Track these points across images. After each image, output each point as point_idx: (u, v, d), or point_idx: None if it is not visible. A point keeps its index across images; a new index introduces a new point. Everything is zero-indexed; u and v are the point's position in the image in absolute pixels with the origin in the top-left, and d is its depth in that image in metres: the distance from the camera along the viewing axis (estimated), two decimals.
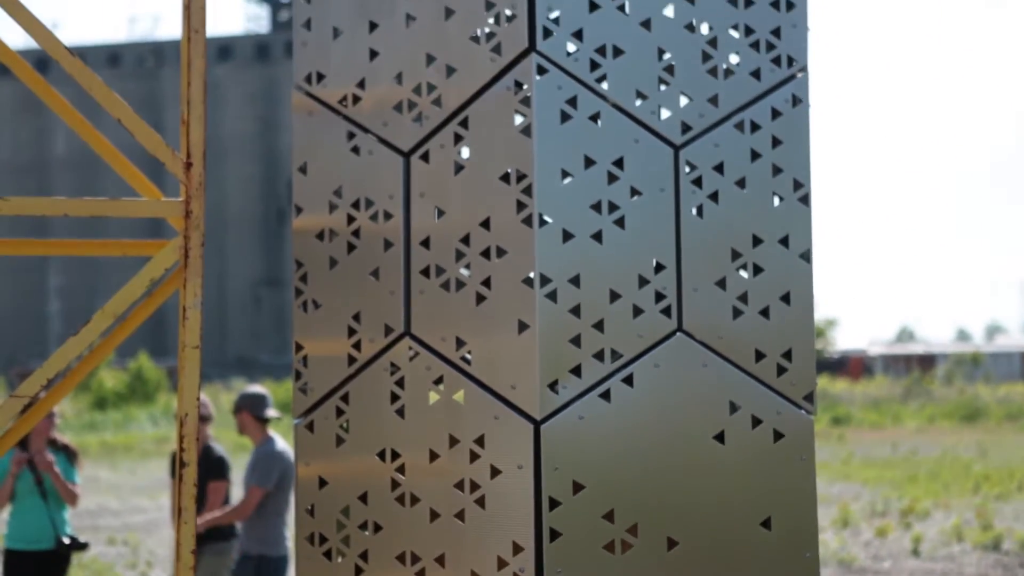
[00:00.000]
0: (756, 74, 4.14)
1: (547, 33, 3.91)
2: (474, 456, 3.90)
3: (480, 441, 3.89)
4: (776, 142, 4.14)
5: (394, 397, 4.08)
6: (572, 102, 3.92)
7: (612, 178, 3.95)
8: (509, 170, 3.91)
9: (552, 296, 3.84)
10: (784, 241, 4.13)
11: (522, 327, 3.82)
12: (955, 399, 44.96)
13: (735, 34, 4.13)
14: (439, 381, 4.00)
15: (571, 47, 3.95)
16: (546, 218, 3.86)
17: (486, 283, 3.93)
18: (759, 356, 4.08)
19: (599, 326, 3.89)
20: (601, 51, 3.98)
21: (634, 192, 3.97)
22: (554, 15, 3.93)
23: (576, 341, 3.86)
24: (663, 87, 4.05)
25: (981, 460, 27.37)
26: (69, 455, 9.33)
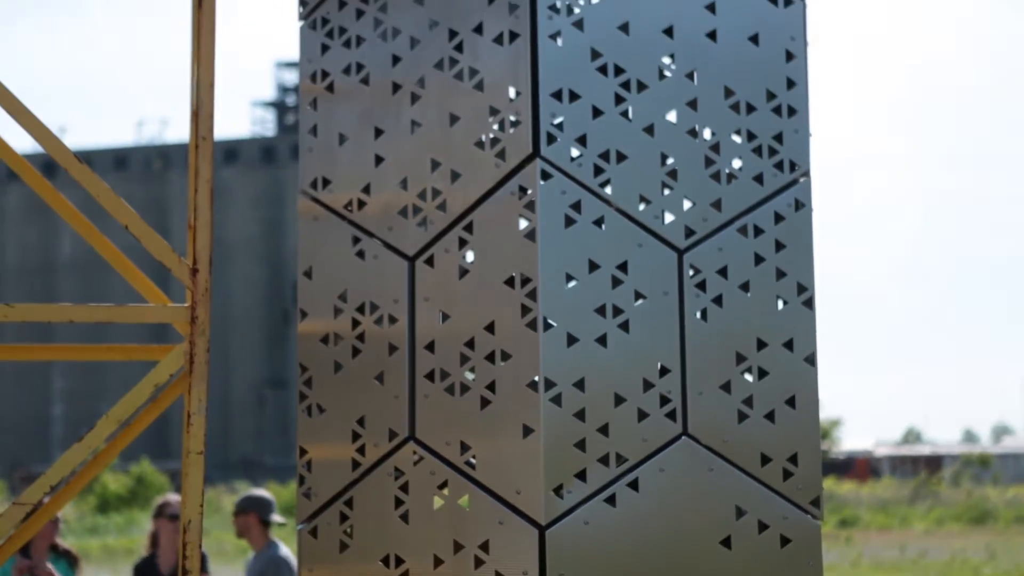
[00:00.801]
0: (759, 179, 4.17)
1: (551, 139, 3.95)
2: (479, 562, 3.87)
3: (485, 547, 3.87)
4: (779, 246, 4.15)
5: (398, 502, 4.06)
6: (576, 207, 3.94)
7: (616, 282, 3.96)
8: (514, 274, 3.92)
9: (557, 400, 3.83)
10: (788, 344, 4.13)
11: (527, 431, 3.81)
12: (963, 501, 44.61)
13: (737, 139, 4.17)
14: (443, 486, 3.98)
15: (575, 152, 3.99)
16: (551, 322, 3.86)
17: (491, 387, 3.92)
18: (765, 460, 4.06)
19: (604, 430, 3.87)
20: (605, 156, 4.01)
21: (638, 296, 3.98)
22: (558, 121, 3.96)
23: (581, 445, 3.84)
24: (666, 191, 4.08)
25: (991, 563, 27.09)
26: (71, 561, 9.26)
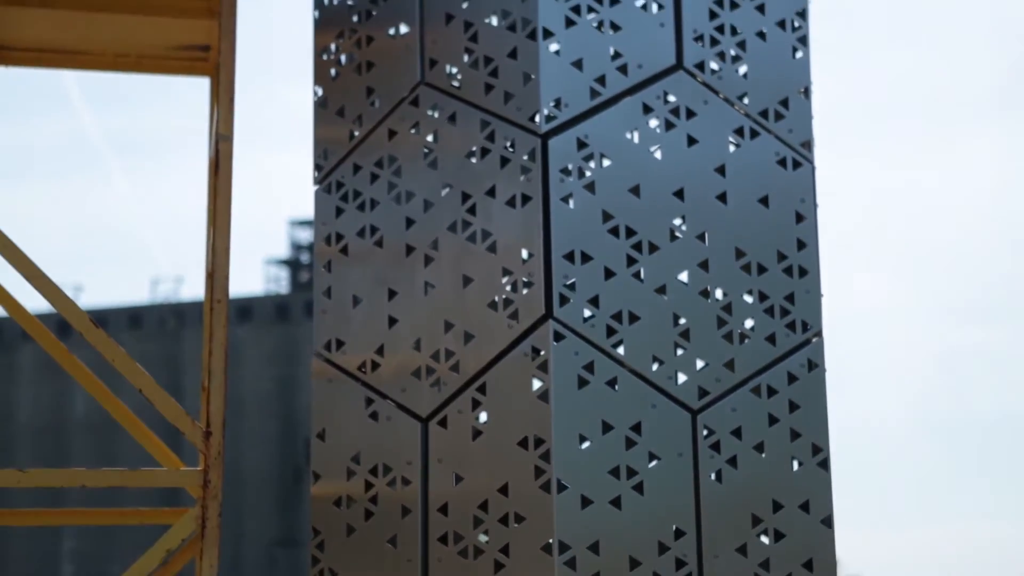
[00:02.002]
0: (771, 339, 4.18)
1: (563, 300, 3.97)
2: None
3: None
4: (793, 406, 4.15)
5: None
6: (589, 367, 3.95)
7: (630, 443, 3.95)
8: (527, 435, 3.91)
9: (571, 564, 3.79)
10: (805, 506, 4.09)
11: None
12: None
13: (749, 299, 4.19)
14: None
15: (587, 313, 4.00)
16: (564, 484, 3.84)
17: (504, 550, 3.89)
18: None
19: None
20: (617, 317, 4.03)
21: (652, 457, 3.96)
22: (570, 282, 3.99)
23: None
24: (679, 352, 4.09)
25: None
26: None
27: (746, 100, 4.28)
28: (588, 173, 4.09)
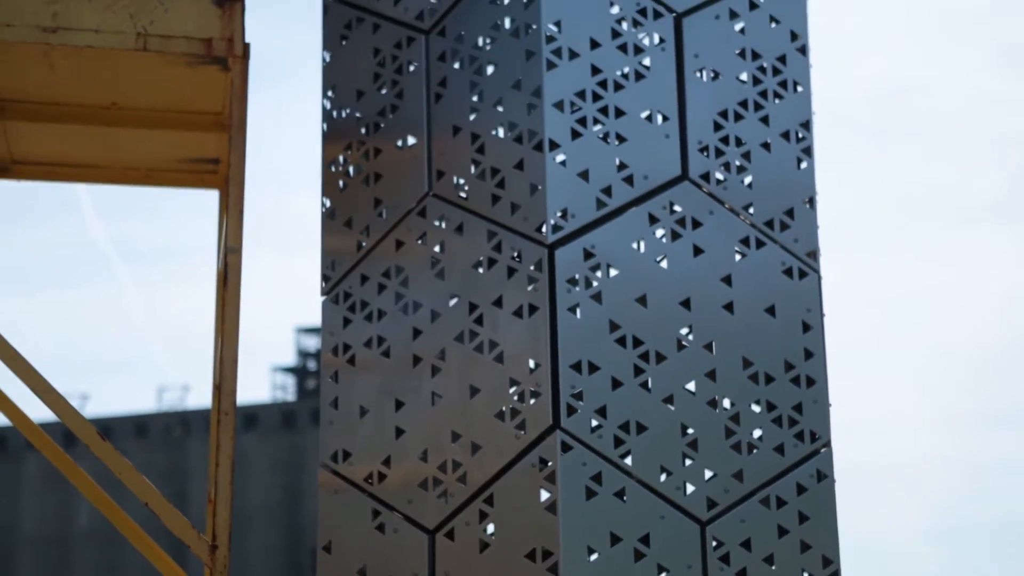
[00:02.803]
0: (780, 449, 4.16)
1: (571, 410, 3.96)
2: None
3: None
4: (803, 518, 4.11)
5: None
6: (597, 478, 3.93)
7: (639, 555, 3.91)
8: (535, 547, 3.88)
9: None
10: None
11: None
12: None
13: (757, 409, 4.17)
14: None
15: (595, 423, 3.99)
16: None
17: None
18: None
19: None
20: (625, 427, 4.01)
21: (661, 569, 3.93)
22: (577, 392, 3.98)
23: None
24: (688, 462, 4.07)
25: None
26: None
27: (752, 210, 4.31)
28: (595, 283, 4.10)
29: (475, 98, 4.32)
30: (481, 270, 4.20)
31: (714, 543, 4.01)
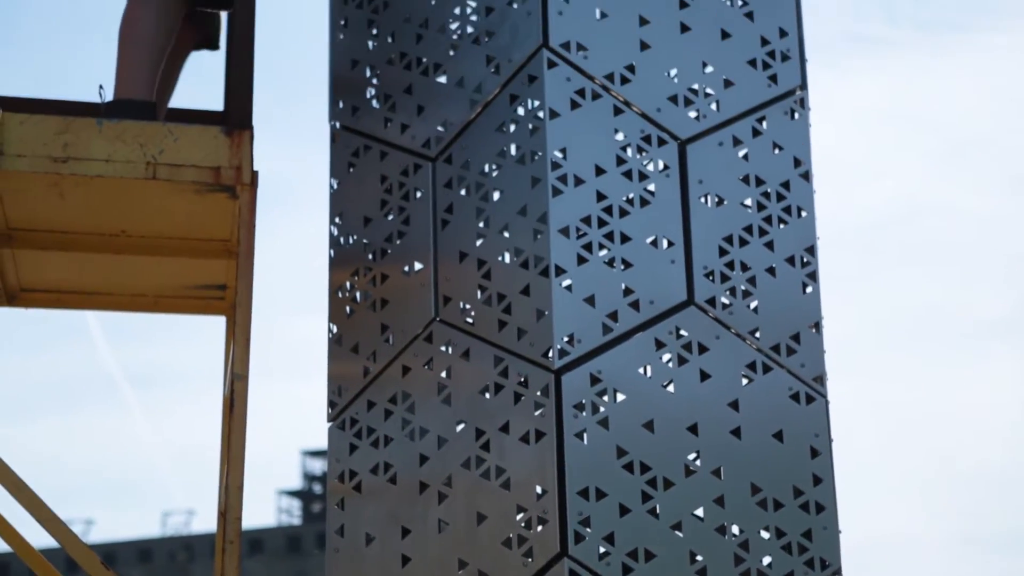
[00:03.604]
0: None
1: (579, 537, 3.93)
2: None
3: None
4: None
5: None
6: None
7: None
8: None
9: None
10: None
11: None
12: None
13: (766, 535, 4.14)
14: None
15: (603, 550, 3.96)
16: None
17: None
18: None
19: None
20: (633, 555, 3.98)
21: None
22: (585, 518, 3.95)
23: None
24: None
25: None
26: None
27: (758, 335, 4.31)
28: (602, 409, 4.09)
29: (481, 224, 4.35)
30: (488, 395, 4.20)
31: None
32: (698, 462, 4.14)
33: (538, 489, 4.00)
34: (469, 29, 4.55)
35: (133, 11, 4.51)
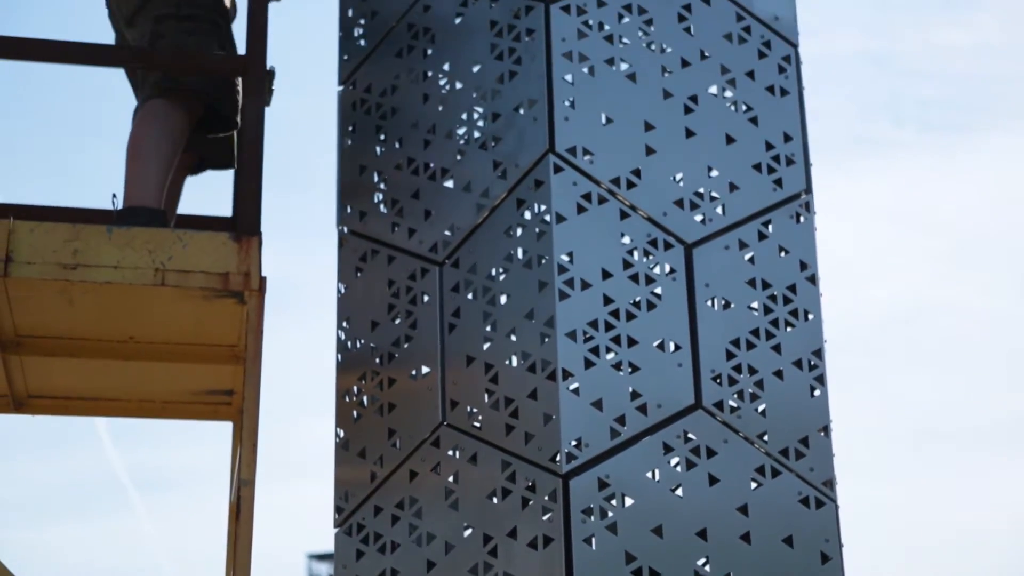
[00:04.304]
0: None
1: None
2: None
3: None
4: None
5: None
6: None
7: None
8: None
9: None
10: None
11: None
12: None
13: None
14: None
15: None
16: None
17: None
18: None
19: None
20: None
21: None
22: None
23: None
24: None
25: None
26: None
27: (766, 438, 4.30)
28: (610, 513, 4.06)
29: (488, 328, 4.36)
30: (495, 500, 4.18)
31: None
32: (708, 567, 4.11)
33: None
34: (476, 134, 4.60)
35: (141, 127, 4.57)
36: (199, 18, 4.61)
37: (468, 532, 4.21)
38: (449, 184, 4.62)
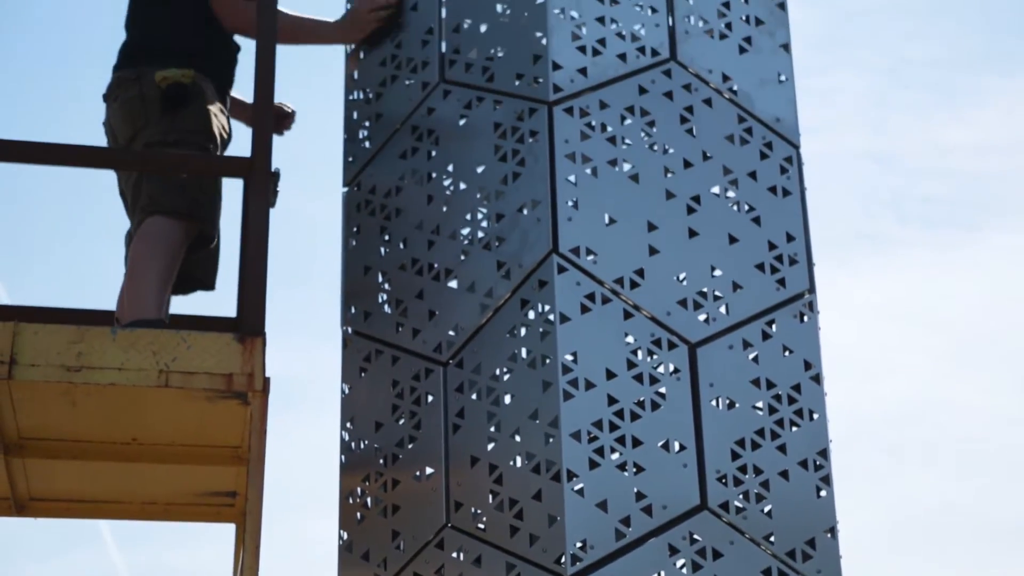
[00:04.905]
0: None
1: None
2: None
3: None
4: None
5: None
6: None
7: None
8: None
9: None
10: None
11: None
12: None
13: None
14: None
15: None
16: None
17: None
18: None
19: None
20: None
21: None
22: None
23: None
24: None
25: None
26: None
27: (772, 540, 4.26)
28: None
29: (492, 428, 4.34)
30: None
31: None
32: None
33: None
34: (480, 234, 4.62)
35: (139, 245, 4.59)
36: (187, 143, 4.66)
37: None
38: (453, 284, 4.63)
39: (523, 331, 4.40)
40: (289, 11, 5.07)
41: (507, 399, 4.37)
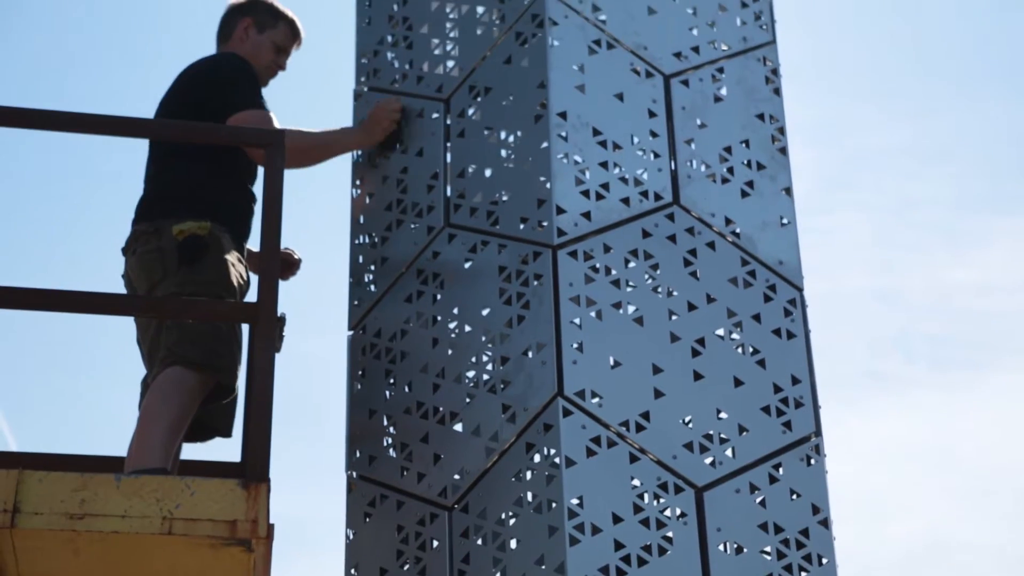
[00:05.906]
0: None
1: None
2: None
3: None
4: None
5: None
6: None
7: None
8: None
9: None
10: None
11: None
12: None
13: None
14: None
15: None
16: None
17: None
18: None
19: None
20: None
21: None
22: None
23: None
24: None
25: None
26: None
27: None
28: None
29: (498, 574, 4.30)
30: None
31: None
32: None
33: None
34: (485, 378, 4.62)
35: (154, 394, 4.58)
36: (204, 294, 4.68)
37: None
38: (458, 428, 4.62)
39: (529, 475, 4.37)
40: (309, 130, 5.13)
41: (513, 544, 4.33)
